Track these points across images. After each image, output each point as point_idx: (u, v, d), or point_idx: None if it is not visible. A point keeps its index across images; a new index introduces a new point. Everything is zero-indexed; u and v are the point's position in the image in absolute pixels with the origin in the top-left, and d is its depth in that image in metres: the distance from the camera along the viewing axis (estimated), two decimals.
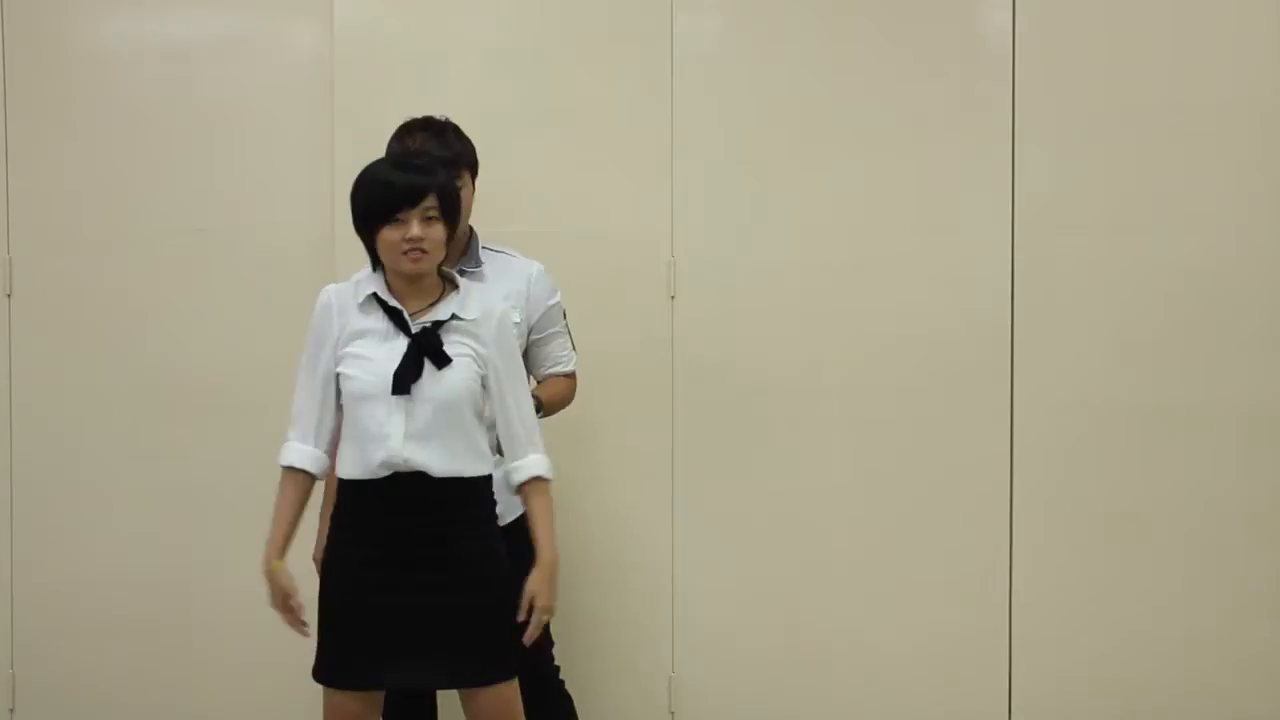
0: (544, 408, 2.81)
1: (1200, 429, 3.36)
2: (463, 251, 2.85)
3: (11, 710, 3.53)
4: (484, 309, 2.50)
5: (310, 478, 2.52)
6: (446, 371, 2.43)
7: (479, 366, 2.48)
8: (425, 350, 2.43)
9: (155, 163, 3.47)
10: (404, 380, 2.42)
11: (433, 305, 2.48)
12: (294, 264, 3.42)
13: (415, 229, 2.39)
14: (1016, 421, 3.37)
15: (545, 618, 2.51)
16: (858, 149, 3.39)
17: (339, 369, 2.49)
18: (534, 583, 2.49)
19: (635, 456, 3.38)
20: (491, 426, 2.55)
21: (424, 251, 2.41)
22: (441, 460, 2.43)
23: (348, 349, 2.48)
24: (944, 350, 3.38)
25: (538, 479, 2.52)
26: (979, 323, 3.37)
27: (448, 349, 2.44)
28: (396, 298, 2.47)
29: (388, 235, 2.41)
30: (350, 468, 2.47)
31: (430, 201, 2.41)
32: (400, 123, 2.85)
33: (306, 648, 2.55)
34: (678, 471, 3.41)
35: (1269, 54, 3.35)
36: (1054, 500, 3.38)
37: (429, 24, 3.40)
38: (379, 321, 2.47)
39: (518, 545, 2.62)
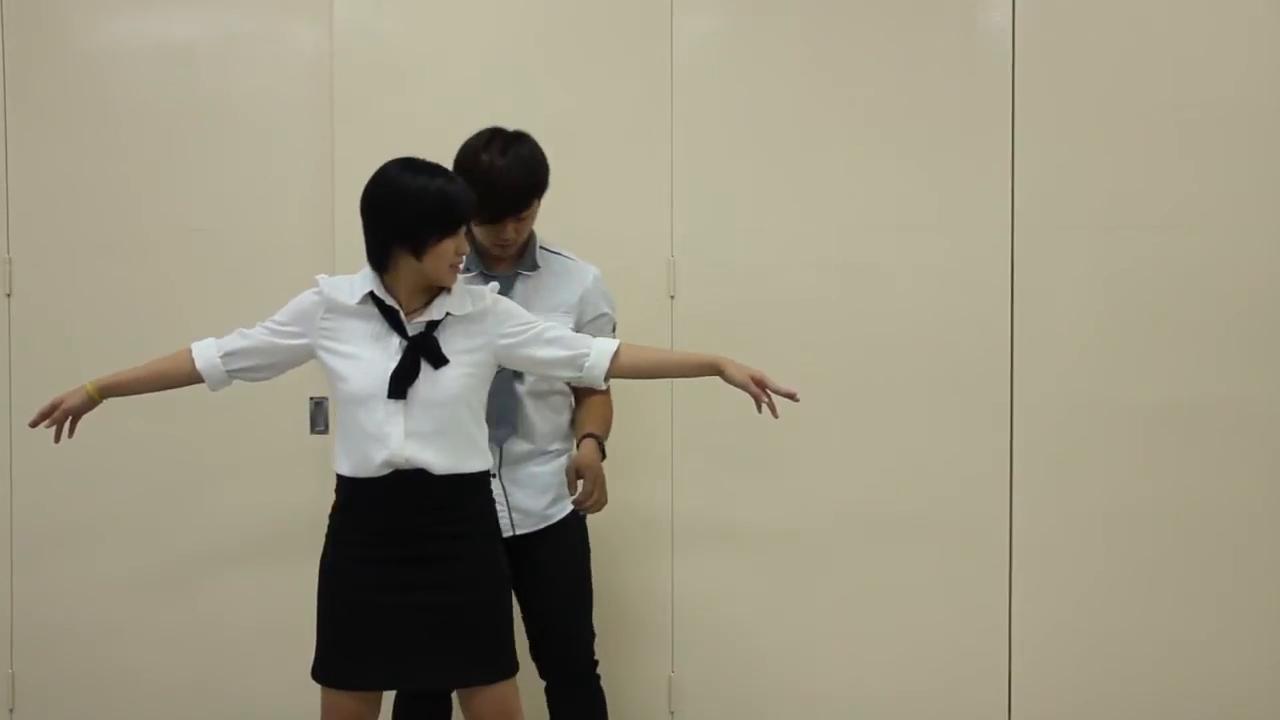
0: (603, 438, 2.82)
1: (1200, 429, 3.36)
2: (520, 254, 2.83)
3: (11, 710, 3.53)
4: (474, 298, 2.51)
5: (193, 372, 2.59)
6: (444, 370, 2.44)
7: (484, 357, 2.49)
8: (422, 351, 2.44)
9: (155, 163, 3.47)
10: (401, 384, 2.42)
11: (426, 305, 2.48)
12: (294, 264, 3.41)
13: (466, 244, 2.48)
14: (1016, 421, 3.37)
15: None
16: (857, 149, 3.39)
17: (326, 362, 2.50)
18: (740, 371, 2.54)
19: (635, 456, 3.37)
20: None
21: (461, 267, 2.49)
22: (442, 458, 2.44)
23: (334, 344, 2.49)
24: (944, 350, 3.38)
25: (616, 350, 2.55)
26: (979, 323, 3.38)
27: (445, 347, 2.45)
28: (394, 298, 2.48)
29: (445, 246, 2.43)
30: (349, 466, 2.47)
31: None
32: (400, 122, 2.86)
33: (308, 648, 2.55)
34: (677, 471, 3.41)
35: (1269, 54, 3.35)
36: (1054, 500, 3.38)
37: (429, 24, 3.40)
38: (372, 321, 2.48)
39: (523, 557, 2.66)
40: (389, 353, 2.45)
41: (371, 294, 2.47)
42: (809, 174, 3.39)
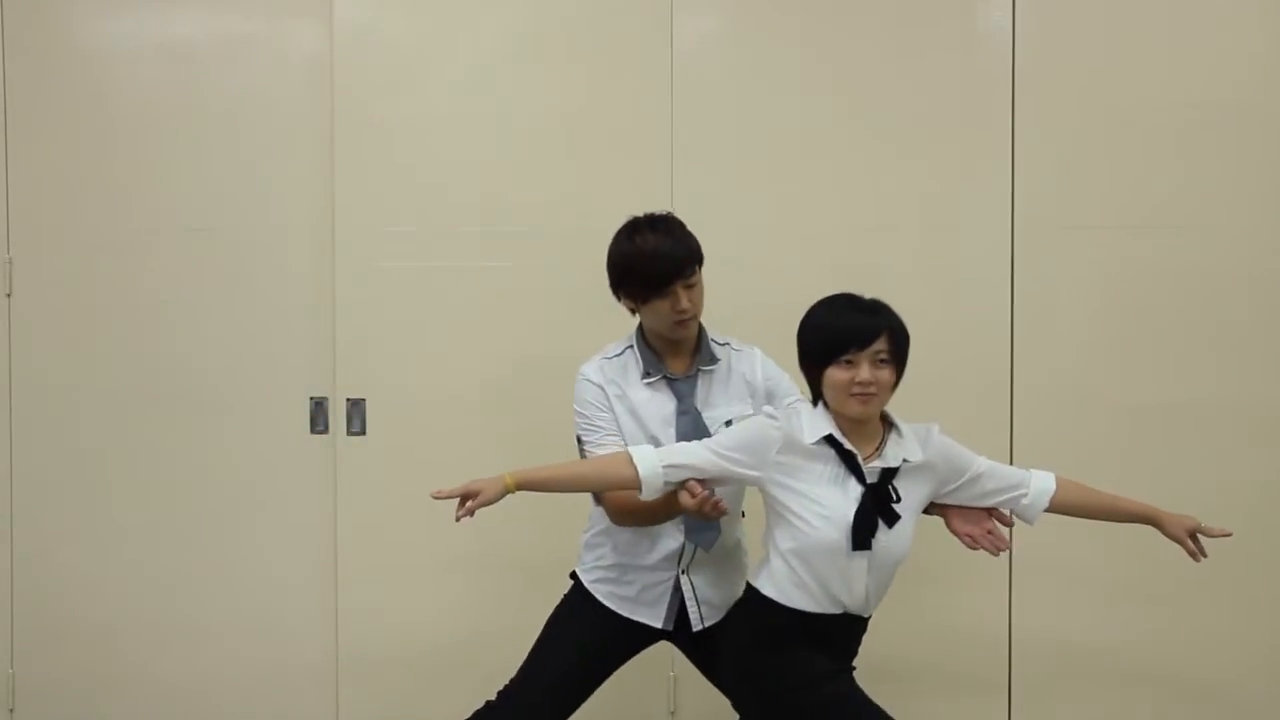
0: None
1: (1200, 428, 3.36)
2: (696, 349, 2.71)
3: (11, 710, 3.54)
4: (922, 441, 2.45)
5: (632, 478, 2.40)
6: (898, 526, 2.39)
7: (925, 503, 2.47)
8: (878, 506, 2.38)
9: (155, 163, 3.48)
10: (863, 536, 2.36)
11: (879, 449, 2.42)
12: (294, 264, 3.43)
13: (864, 371, 2.35)
14: (1016, 421, 3.38)
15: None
16: (858, 149, 3.39)
17: (780, 499, 2.41)
18: (1178, 524, 2.57)
19: None
20: None
21: (873, 395, 2.36)
22: (878, 607, 2.46)
23: (791, 482, 2.40)
24: (944, 350, 3.37)
25: (1054, 485, 2.55)
26: (979, 323, 3.38)
27: (904, 496, 2.40)
28: (849, 439, 2.40)
29: (835, 375, 2.36)
30: (796, 600, 2.42)
31: (881, 344, 2.38)
32: (401, 122, 2.85)
33: (306, 648, 2.54)
34: None
35: (1269, 54, 3.36)
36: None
37: (429, 24, 3.41)
38: (830, 463, 2.40)
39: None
40: (848, 498, 2.38)
41: (829, 436, 2.40)
42: (809, 174, 3.40)
